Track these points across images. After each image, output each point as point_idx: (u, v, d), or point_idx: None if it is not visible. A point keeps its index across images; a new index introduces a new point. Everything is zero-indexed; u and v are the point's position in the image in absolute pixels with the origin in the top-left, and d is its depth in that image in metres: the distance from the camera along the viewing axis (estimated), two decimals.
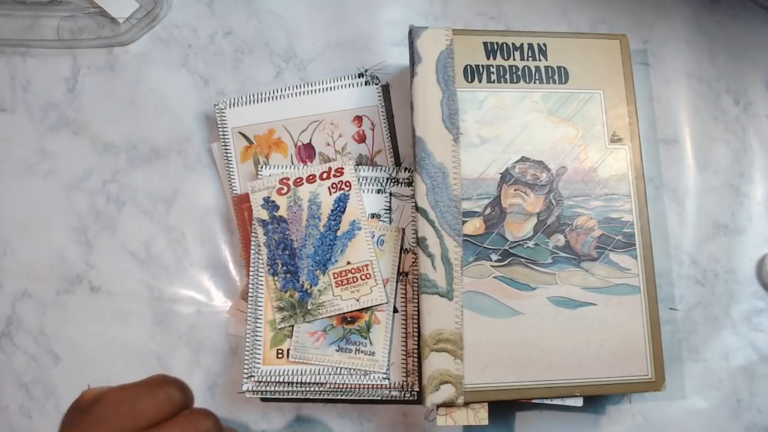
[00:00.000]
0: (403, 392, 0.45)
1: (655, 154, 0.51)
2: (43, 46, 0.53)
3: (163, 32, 0.53)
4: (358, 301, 0.45)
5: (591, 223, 0.45)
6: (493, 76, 0.47)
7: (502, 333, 0.43)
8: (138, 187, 0.51)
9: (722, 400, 0.48)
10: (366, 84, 0.50)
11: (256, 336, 0.45)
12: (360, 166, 0.48)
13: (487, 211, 0.45)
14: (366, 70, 0.51)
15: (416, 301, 0.46)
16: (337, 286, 0.46)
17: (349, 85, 0.50)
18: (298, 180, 0.47)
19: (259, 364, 0.45)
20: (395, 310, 0.46)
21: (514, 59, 0.47)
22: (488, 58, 0.47)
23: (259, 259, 0.46)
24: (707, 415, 0.48)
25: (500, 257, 0.44)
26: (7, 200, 0.52)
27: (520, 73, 0.47)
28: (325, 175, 0.47)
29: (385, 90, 0.50)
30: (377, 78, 0.50)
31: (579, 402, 0.44)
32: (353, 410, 0.48)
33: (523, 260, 0.45)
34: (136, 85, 0.53)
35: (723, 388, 0.48)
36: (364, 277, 0.46)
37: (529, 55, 0.47)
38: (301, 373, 0.45)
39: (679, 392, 0.48)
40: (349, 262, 0.46)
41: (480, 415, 0.43)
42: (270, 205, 0.47)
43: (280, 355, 0.45)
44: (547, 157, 0.46)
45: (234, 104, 0.50)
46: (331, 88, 0.50)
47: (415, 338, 0.45)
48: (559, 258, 0.45)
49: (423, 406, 0.43)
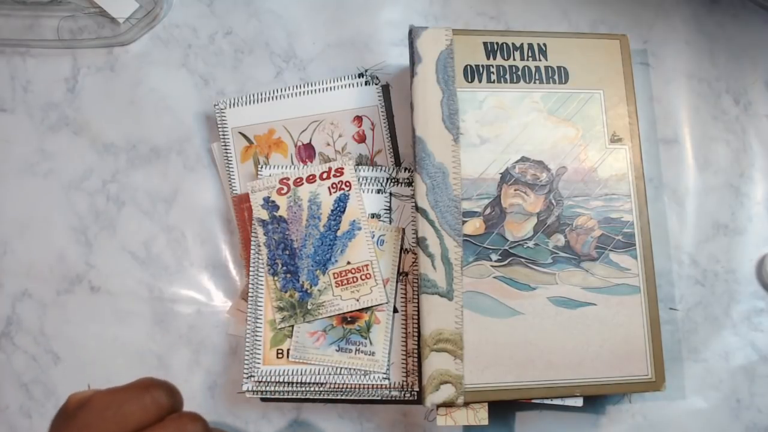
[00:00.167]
0: (403, 392, 0.45)
1: (655, 154, 0.51)
2: (43, 46, 0.53)
3: (163, 32, 0.53)
4: (358, 301, 0.45)
5: (591, 223, 0.45)
6: (493, 76, 0.47)
7: (502, 333, 0.43)
8: (138, 187, 0.51)
9: (722, 400, 0.48)
10: (366, 84, 0.50)
11: (256, 336, 0.45)
12: (360, 166, 0.48)
13: (487, 211, 0.45)
14: (366, 70, 0.51)
15: (416, 301, 0.46)
16: (337, 286, 0.46)
17: (349, 85, 0.50)
18: (298, 180, 0.47)
19: (259, 364, 0.45)
20: (395, 310, 0.46)
21: (514, 59, 0.47)
22: (488, 58, 0.47)
23: (259, 259, 0.46)
24: (707, 415, 0.48)
25: (500, 257, 0.44)
26: (7, 200, 0.52)
27: (520, 73, 0.47)
28: (325, 175, 0.47)
29: (385, 90, 0.50)
30: (377, 78, 0.50)
31: (579, 402, 0.44)
32: (353, 410, 0.48)
33: (523, 260, 0.45)
34: (136, 85, 0.53)
35: (723, 388, 0.48)
36: (364, 277, 0.46)
37: (529, 55, 0.47)
38: (301, 373, 0.45)
39: (679, 392, 0.48)
40: (349, 262, 0.46)
41: (480, 415, 0.43)
42: (270, 205, 0.47)
43: (280, 355, 0.45)
44: (547, 157, 0.46)
45: (234, 104, 0.50)
46: (331, 88, 0.50)
47: (415, 338, 0.45)
48: (559, 258, 0.45)
49: (423, 406, 0.43)
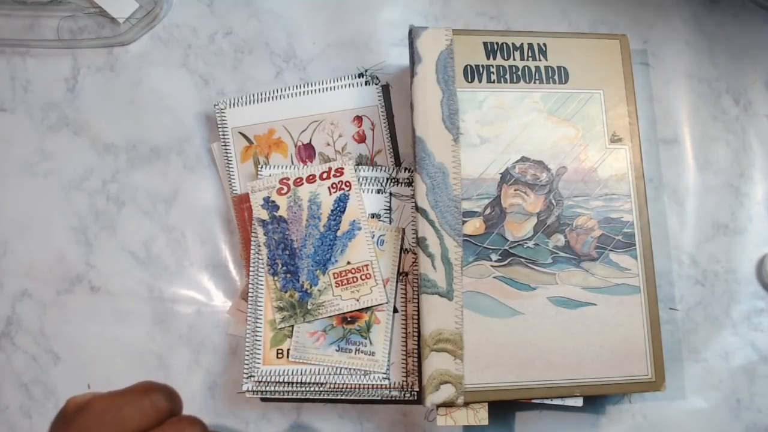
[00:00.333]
0: (403, 392, 0.45)
1: (655, 154, 0.51)
2: (43, 46, 0.53)
3: (163, 32, 0.53)
4: (358, 301, 0.45)
5: (591, 223, 0.45)
6: (493, 76, 0.47)
7: (502, 333, 0.43)
8: (138, 187, 0.51)
9: (722, 400, 0.48)
10: (366, 84, 0.50)
11: (256, 336, 0.45)
12: (360, 166, 0.48)
13: (487, 211, 0.45)
14: (366, 70, 0.51)
15: (416, 301, 0.46)
16: (337, 286, 0.46)
17: (349, 85, 0.50)
18: (298, 180, 0.47)
19: (259, 364, 0.45)
20: (395, 310, 0.46)
21: (514, 59, 0.47)
22: (488, 58, 0.47)
23: (259, 259, 0.46)
24: (707, 415, 0.48)
25: (500, 257, 0.44)
26: (7, 200, 0.52)
27: (520, 73, 0.47)
28: (325, 175, 0.47)
29: (385, 90, 0.50)
30: (377, 78, 0.50)
31: (579, 402, 0.44)
32: (353, 410, 0.48)
33: (523, 260, 0.45)
34: (136, 85, 0.53)
35: (723, 388, 0.48)
36: (364, 277, 0.46)
37: (529, 55, 0.47)
38: (301, 373, 0.45)
39: (679, 392, 0.48)
40: (349, 262, 0.46)
41: (480, 415, 0.43)
42: (270, 205, 0.47)
43: (280, 355, 0.45)
44: (547, 157, 0.46)
45: (234, 104, 0.50)
46: (331, 88, 0.50)
47: (415, 338, 0.45)
48: (559, 258, 0.45)
49: (423, 406, 0.42)
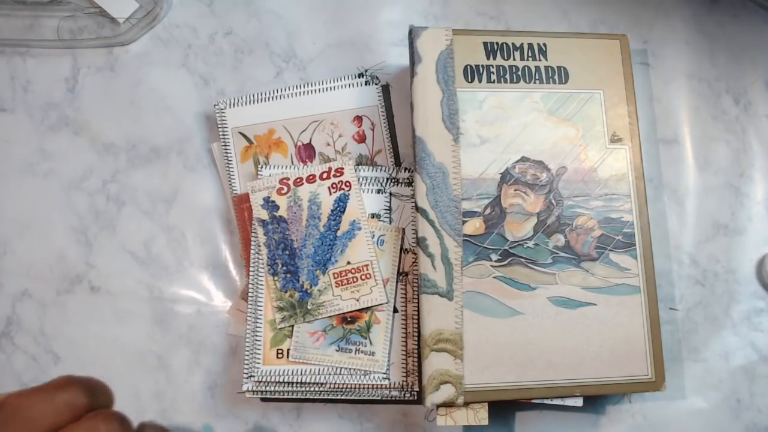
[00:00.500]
0: (403, 392, 0.45)
1: (655, 154, 0.51)
2: (43, 46, 0.53)
3: (163, 32, 0.53)
4: (358, 301, 0.45)
5: (591, 223, 0.45)
6: (493, 76, 0.47)
7: (502, 333, 0.43)
8: (138, 187, 0.51)
9: (722, 400, 0.48)
10: (366, 84, 0.50)
11: (256, 336, 0.45)
12: (360, 166, 0.48)
13: (487, 211, 0.45)
14: (366, 70, 0.51)
15: (416, 301, 0.46)
16: (337, 286, 0.46)
17: (349, 85, 0.50)
18: (298, 180, 0.47)
19: (259, 364, 0.45)
20: (395, 310, 0.46)
21: (514, 59, 0.47)
22: (488, 58, 0.47)
23: (259, 259, 0.46)
24: (707, 415, 0.48)
25: (500, 257, 0.44)
26: (7, 200, 0.52)
27: (520, 73, 0.47)
28: (325, 175, 0.47)
29: (385, 90, 0.50)
30: (377, 78, 0.50)
31: (579, 402, 0.44)
32: (353, 410, 0.48)
33: (523, 260, 0.45)
34: (136, 85, 0.53)
35: (723, 388, 0.48)
36: (364, 277, 0.46)
37: (529, 55, 0.47)
38: (301, 373, 0.45)
39: (679, 392, 0.48)
40: (349, 262, 0.46)
41: (480, 415, 0.43)
42: (270, 205, 0.47)
43: (280, 355, 0.45)
44: (547, 157, 0.46)
45: (234, 104, 0.50)
46: (331, 88, 0.50)
47: (415, 338, 0.45)
48: (559, 258, 0.45)
49: (423, 406, 0.42)
